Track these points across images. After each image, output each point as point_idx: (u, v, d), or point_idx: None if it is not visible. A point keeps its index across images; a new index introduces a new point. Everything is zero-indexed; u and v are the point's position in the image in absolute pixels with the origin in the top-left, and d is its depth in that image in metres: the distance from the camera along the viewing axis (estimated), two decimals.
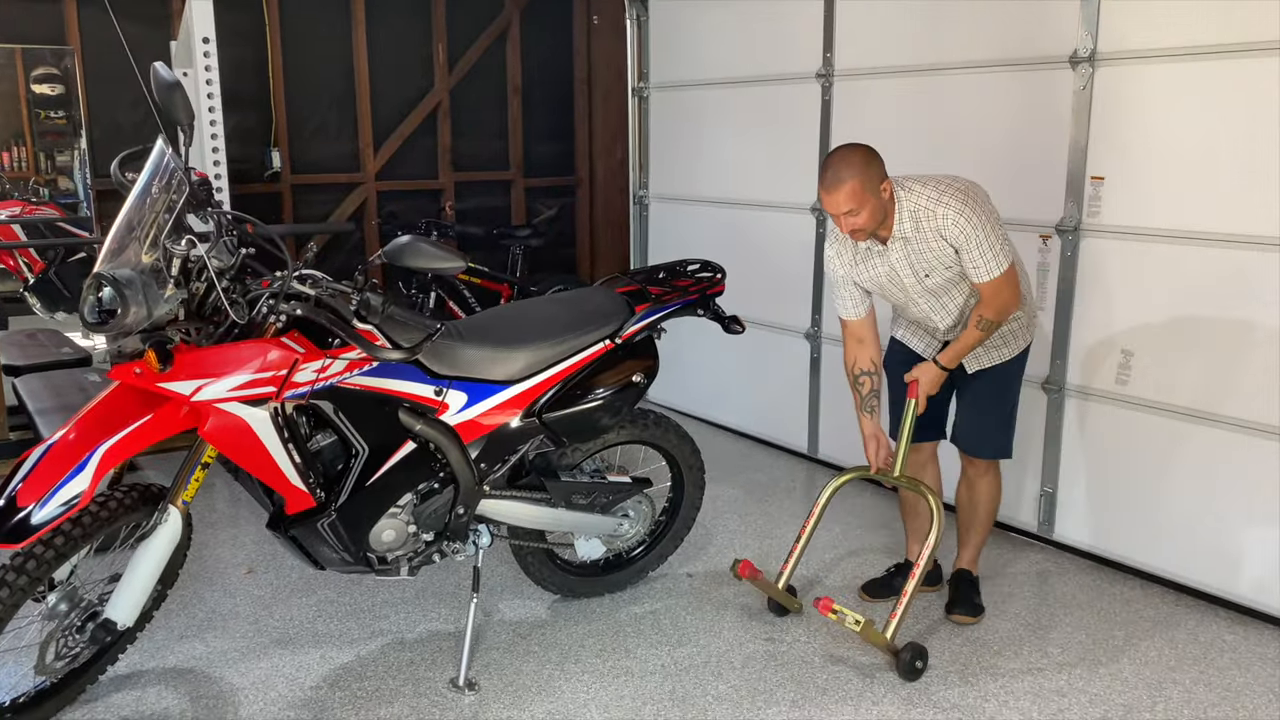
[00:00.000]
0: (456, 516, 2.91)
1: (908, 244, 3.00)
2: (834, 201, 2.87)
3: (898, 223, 2.98)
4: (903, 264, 3.03)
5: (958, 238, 2.93)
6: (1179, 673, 3.02)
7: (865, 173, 2.86)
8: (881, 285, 3.12)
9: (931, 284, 3.06)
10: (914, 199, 2.96)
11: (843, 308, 3.19)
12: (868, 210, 2.88)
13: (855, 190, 2.84)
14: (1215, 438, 3.37)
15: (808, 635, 3.24)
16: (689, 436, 3.41)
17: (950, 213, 2.91)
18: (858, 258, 3.10)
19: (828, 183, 2.87)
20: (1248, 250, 3.22)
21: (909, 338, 3.33)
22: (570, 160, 6.96)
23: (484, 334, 2.88)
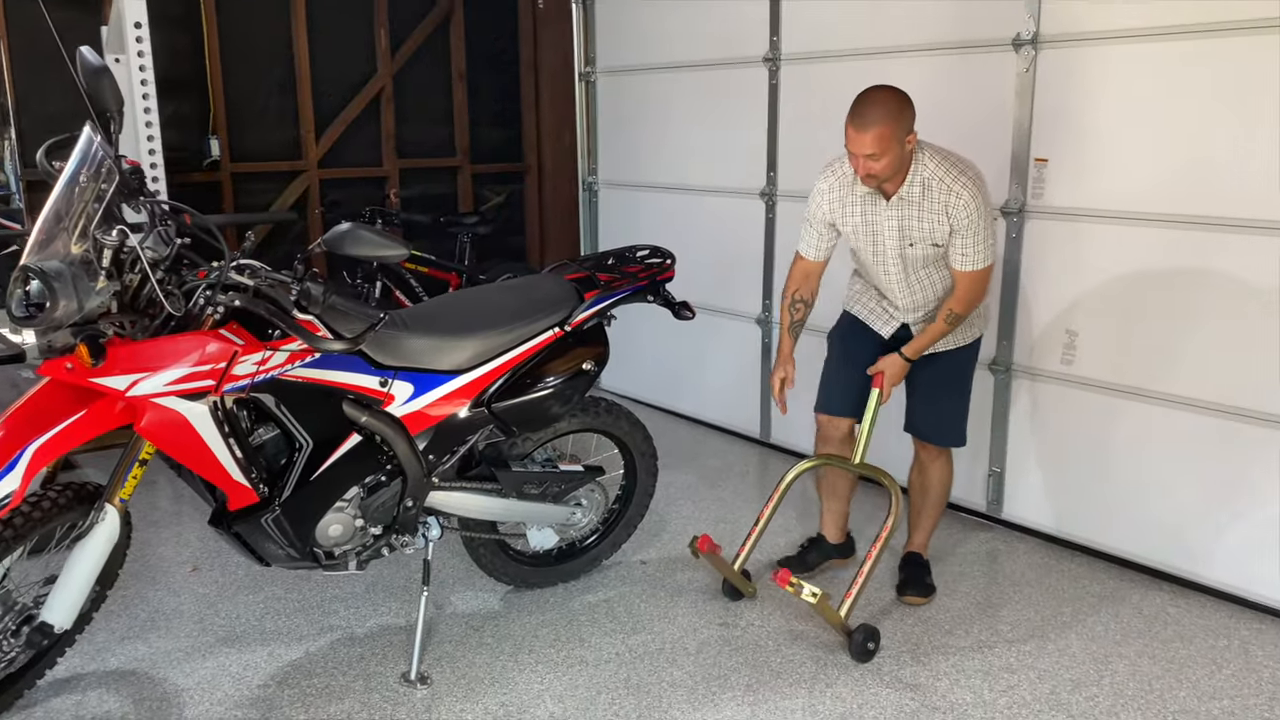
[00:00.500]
0: (405, 509, 2.87)
1: (908, 206, 2.98)
2: (860, 141, 2.82)
3: (908, 184, 2.96)
4: (893, 224, 3.02)
5: (962, 220, 2.93)
6: (1124, 646, 3.07)
7: (898, 120, 2.82)
8: (859, 235, 3.10)
9: (910, 253, 3.06)
10: (932, 166, 2.94)
11: (806, 245, 3.20)
12: (889, 158, 2.85)
13: (884, 135, 2.80)
14: (1157, 415, 3.43)
15: (761, 619, 3.25)
16: (641, 423, 3.39)
17: (966, 194, 2.91)
18: (848, 200, 3.08)
19: (858, 121, 2.82)
20: (1188, 230, 3.27)
21: (864, 313, 3.33)
22: (518, 146, 6.89)
23: (429, 323, 2.83)
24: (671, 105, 5.11)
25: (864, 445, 3.22)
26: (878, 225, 3.04)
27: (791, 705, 2.78)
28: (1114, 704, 2.77)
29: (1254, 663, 2.97)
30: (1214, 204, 3.20)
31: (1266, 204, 3.08)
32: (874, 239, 3.07)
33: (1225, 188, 3.17)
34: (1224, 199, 3.18)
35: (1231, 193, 3.16)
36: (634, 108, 5.36)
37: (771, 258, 4.69)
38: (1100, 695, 2.81)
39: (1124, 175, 3.41)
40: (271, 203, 5.97)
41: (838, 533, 3.55)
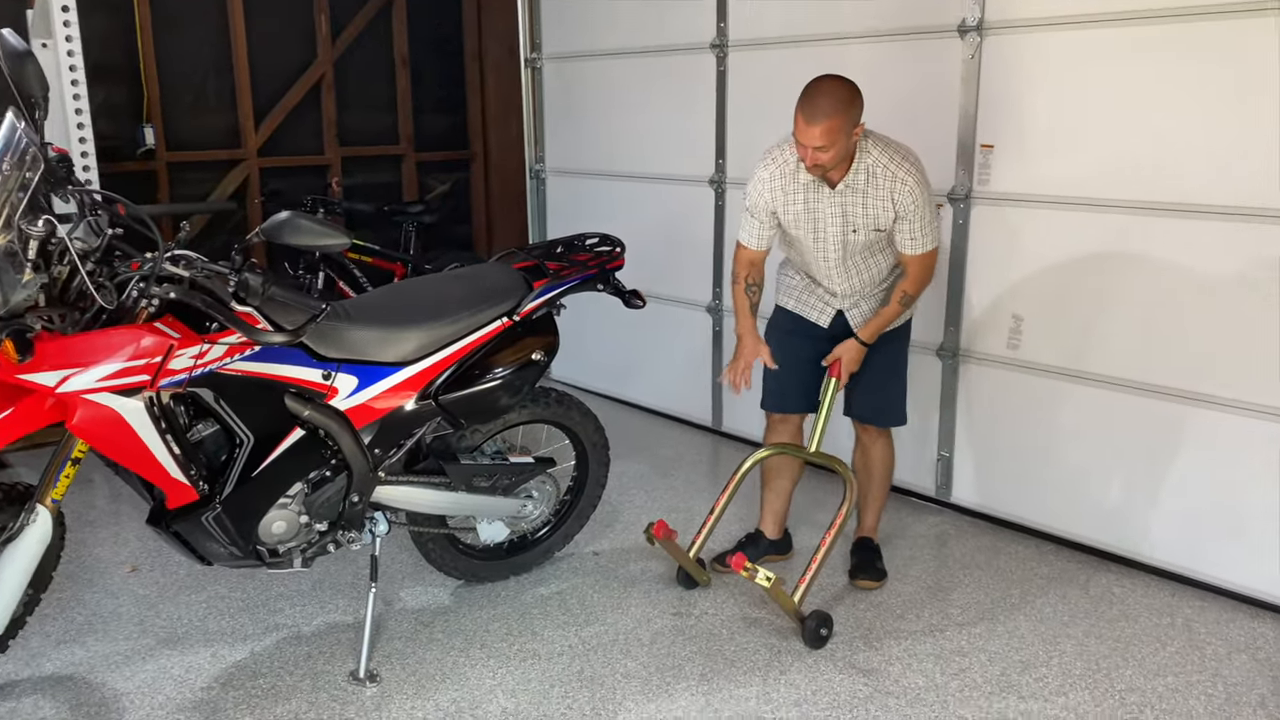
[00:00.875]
0: (351, 505, 2.81)
1: (853, 194, 2.98)
2: (809, 134, 2.81)
3: (853, 171, 2.96)
4: (837, 211, 3.02)
5: (908, 207, 2.94)
6: (1072, 627, 3.11)
7: (847, 112, 2.81)
8: (800, 224, 3.09)
9: (852, 240, 3.06)
10: (876, 153, 2.95)
11: (748, 234, 3.17)
12: (837, 149, 2.84)
13: (833, 128, 2.79)
14: (1099, 397, 3.47)
15: (715, 608, 3.24)
16: (592, 414, 3.36)
17: (911, 181, 2.93)
18: (791, 189, 3.06)
19: (808, 113, 2.80)
20: (1131, 215, 3.31)
21: (798, 305, 3.33)
22: (463, 134, 6.79)
23: (373, 314, 2.77)
24: (619, 92, 5.07)
25: (820, 434, 3.23)
26: (820, 213, 3.04)
27: (746, 693, 2.77)
28: (1062, 684, 2.80)
29: (1197, 639, 3.03)
30: (1155, 189, 3.24)
31: (1204, 189, 3.13)
32: (815, 227, 3.07)
33: (1165, 173, 3.21)
34: (1164, 184, 3.22)
35: (1171, 178, 3.20)
36: (581, 94, 5.30)
37: (721, 245, 4.68)
38: (1049, 675, 2.85)
39: (1068, 161, 3.44)
40: (210, 192, 5.82)
41: (776, 529, 3.55)
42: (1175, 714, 2.66)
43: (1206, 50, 3.07)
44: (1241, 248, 3.08)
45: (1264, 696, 2.74)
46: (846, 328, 3.25)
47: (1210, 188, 3.12)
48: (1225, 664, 2.90)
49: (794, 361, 3.33)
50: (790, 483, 3.50)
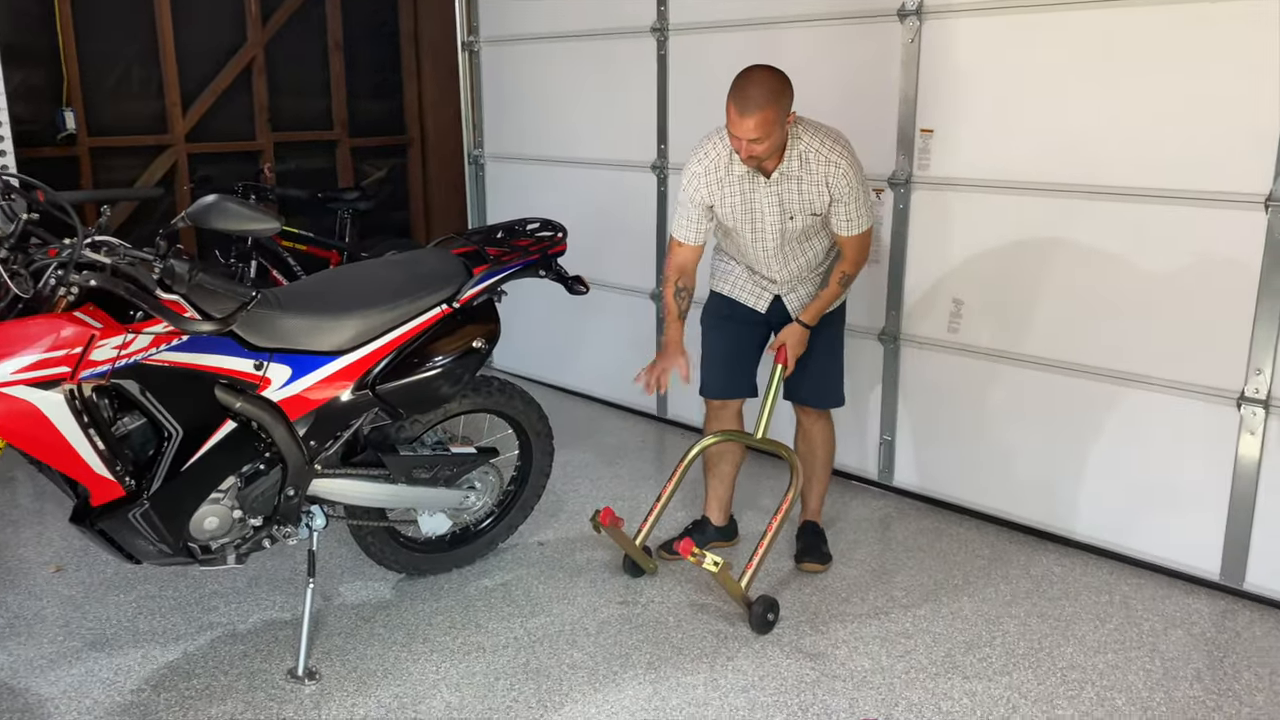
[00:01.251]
0: (286, 498, 2.72)
1: (788, 181, 2.97)
2: (743, 126, 2.78)
3: (786, 159, 2.94)
4: (773, 200, 3.01)
5: (842, 190, 2.94)
6: (1014, 607, 3.14)
7: (779, 103, 2.79)
8: (737, 215, 3.07)
9: (790, 226, 3.05)
10: (807, 139, 2.94)
11: (683, 229, 3.13)
12: (772, 140, 2.83)
13: (767, 119, 2.77)
14: (1037, 380, 3.51)
15: (662, 595, 3.21)
16: (535, 402, 3.30)
17: (844, 164, 2.93)
18: (726, 181, 3.04)
19: (740, 105, 2.78)
20: (1068, 199, 3.34)
21: (735, 291, 3.31)
22: (399, 119, 6.67)
23: (307, 302, 2.68)
24: (559, 76, 5.00)
25: (766, 420, 3.21)
26: (757, 203, 3.02)
27: (693, 680, 2.75)
28: (1006, 663, 2.83)
29: (1134, 616, 3.08)
30: (1090, 173, 3.28)
31: (1138, 173, 3.17)
32: (753, 217, 3.06)
33: (1100, 157, 3.25)
34: (1099, 168, 3.26)
35: (1106, 162, 3.24)
36: (520, 79, 5.22)
37: (664, 231, 4.64)
38: (993, 655, 2.87)
39: (1006, 145, 3.46)
40: (136, 179, 5.63)
41: (722, 515, 3.53)
42: (1115, 689, 2.70)
43: (1143, 36, 3.11)
44: (1175, 230, 3.13)
45: (1199, 670, 2.79)
46: (784, 312, 3.25)
47: (1145, 172, 3.16)
48: (1162, 639, 2.95)
49: (731, 347, 3.31)
50: (734, 468, 3.49)
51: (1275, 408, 3.01)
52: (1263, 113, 2.91)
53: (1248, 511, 3.11)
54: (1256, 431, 3.05)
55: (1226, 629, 3.01)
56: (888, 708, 2.63)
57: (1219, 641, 2.95)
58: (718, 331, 3.34)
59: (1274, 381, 3.01)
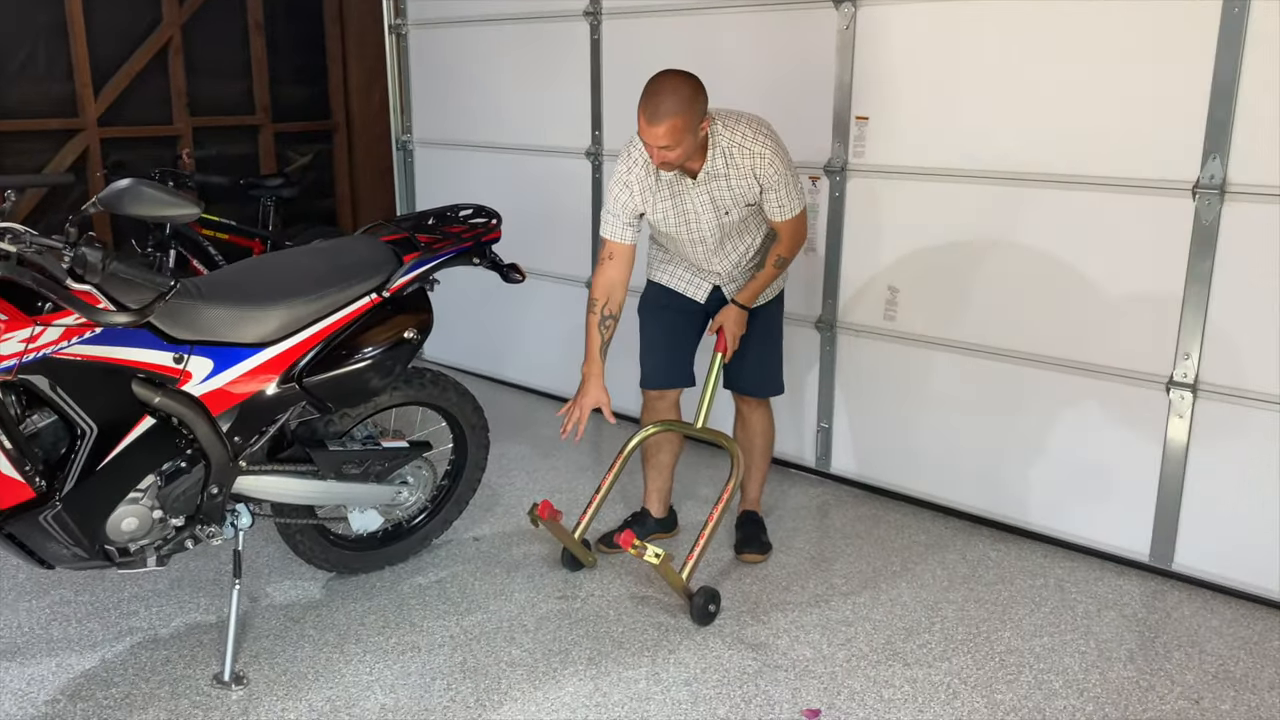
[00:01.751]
0: (209, 497, 2.61)
1: (716, 179, 2.93)
2: (652, 134, 2.73)
3: (710, 159, 2.90)
4: (705, 200, 2.97)
5: (771, 178, 2.90)
6: (952, 592, 3.16)
7: (690, 110, 2.73)
8: (670, 219, 3.03)
9: (727, 222, 3.02)
10: (730, 135, 2.89)
11: (613, 229, 3.05)
12: (683, 148, 2.78)
13: (676, 127, 2.71)
14: (971, 366, 3.54)
15: (602, 589, 3.16)
16: (470, 394, 3.22)
17: (768, 153, 2.88)
18: (653, 187, 2.99)
19: (649, 113, 2.72)
20: (1003, 186, 3.37)
21: (673, 281, 3.27)
22: (324, 103, 6.48)
23: (229, 291, 2.56)
24: (490, 60, 4.90)
25: (706, 409, 3.18)
26: (689, 205, 2.99)
27: (635, 675, 2.71)
28: (945, 649, 2.84)
29: (1069, 599, 3.12)
30: (1024, 161, 3.30)
31: (1072, 160, 3.20)
32: (687, 219, 3.02)
33: (1034, 144, 3.27)
34: (1033, 156, 3.28)
35: (1040, 149, 3.26)
36: (450, 63, 5.11)
37: (599, 218, 4.57)
38: (932, 641, 2.88)
39: (942, 133, 3.47)
40: (45, 165, 5.38)
41: (661, 507, 3.50)
42: (1052, 672, 2.73)
43: (1076, 25, 3.13)
44: (1106, 218, 3.17)
45: (1132, 651, 2.84)
46: (723, 301, 3.22)
47: (1077, 160, 3.20)
48: (1095, 621, 2.99)
49: (669, 337, 3.28)
50: (672, 458, 3.45)
51: (1203, 392, 3.07)
52: (1192, 101, 2.95)
53: (1176, 494, 3.17)
54: (1185, 415, 3.11)
55: (1157, 609, 3.07)
56: (830, 697, 2.62)
57: (1150, 622, 3.00)
58: (656, 321, 3.29)
59: (1201, 366, 3.07)
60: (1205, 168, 2.96)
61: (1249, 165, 2.90)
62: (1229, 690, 2.65)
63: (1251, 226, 2.92)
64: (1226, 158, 2.92)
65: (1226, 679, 2.70)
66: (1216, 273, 3.00)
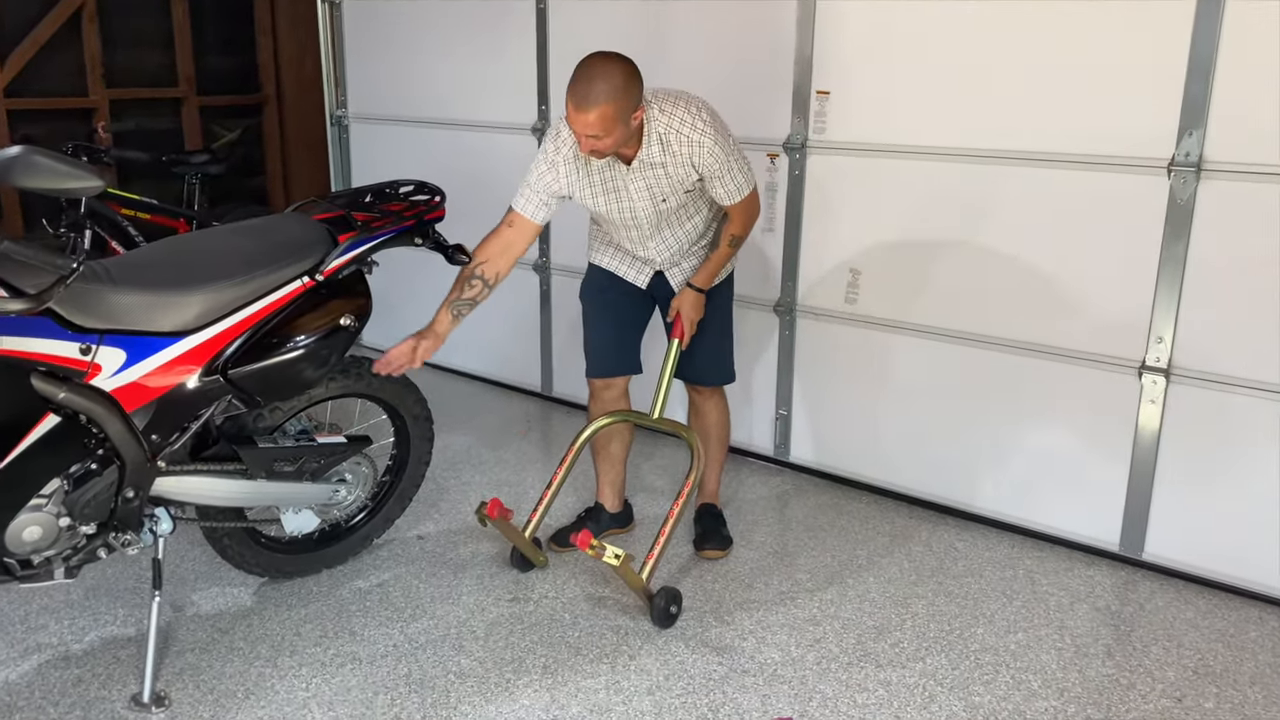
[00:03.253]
0: (124, 501, 2.37)
1: (652, 169, 2.74)
2: (581, 122, 2.53)
3: (645, 145, 2.70)
4: (641, 188, 2.78)
5: (711, 166, 2.72)
6: (920, 586, 3.04)
7: (623, 98, 2.53)
8: (600, 204, 2.84)
9: (666, 209, 2.85)
10: (664, 119, 2.69)
11: (525, 203, 2.83)
12: (614, 137, 2.58)
13: (607, 115, 2.51)
14: (934, 350, 3.41)
15: (555, 590, 2.98)
16: (413, 384, 3.01)
17: (707, 140, 2.69)
18: (581, 172, 2.80)
19: (579, 99, 2.51)
20: (969, 163, 3.24)
21: (614, 265, 3.09)
22: (253, 75, 6.14)
23: (144, 274, 2.32)
24: (431, 31, 4.65)
25: (663, 399, 3.00)
26: (622, 191, 2.80)
27: (593, 684, 2.54)
28: (918, 648, 2.71)
29: (1040, 592, 3.01)
30: (993, 138, 3.17)
31: (1040, 137, 3.08)
32: (620, 205, 2.83)
33: (1005, 121, 3.14)
34: (1003, 132, 3.15)
35: (1010, 126, 3.14)
36: (388, 33, 4.84)
37: None
38: (904, 640, 2.75)
39: (907, 108, 3.33)
40: None
41: (616, 500, 3.32)
42: (1029, 670, 2.62)
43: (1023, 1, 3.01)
44: (1078, 196, 3.06)
45: (1109, 646, 2.74)
46: (667, 287, 3.05)
47: (1048, 137, 3.07)
48: (1069, 615, 2.89)
49: (614, 321, 3.11)
50: (624, 449, 3.27)
51: (1176, 376, 2.98)
52: (1167, 74, 2.84)
53: (1147, 481, 3.08)
54: (1157, 400, 3.02)
55: (1130, 601, 2.97)
56: (801, 703, 2.48)
57: (1124, 615, 2.90)
58: (599, 307, 3.11)
59: (1175, 349, 2.97)
60: (1181, 144, 2.85)
61: (1228, 142, 2.79)
62: (1210, 686, 2.56)
63: (1229, 205, 2.82)
64: (1204, 134, 2.82)
65: (1207, 674, 2.61)
66: (1191, 253, 2.90)
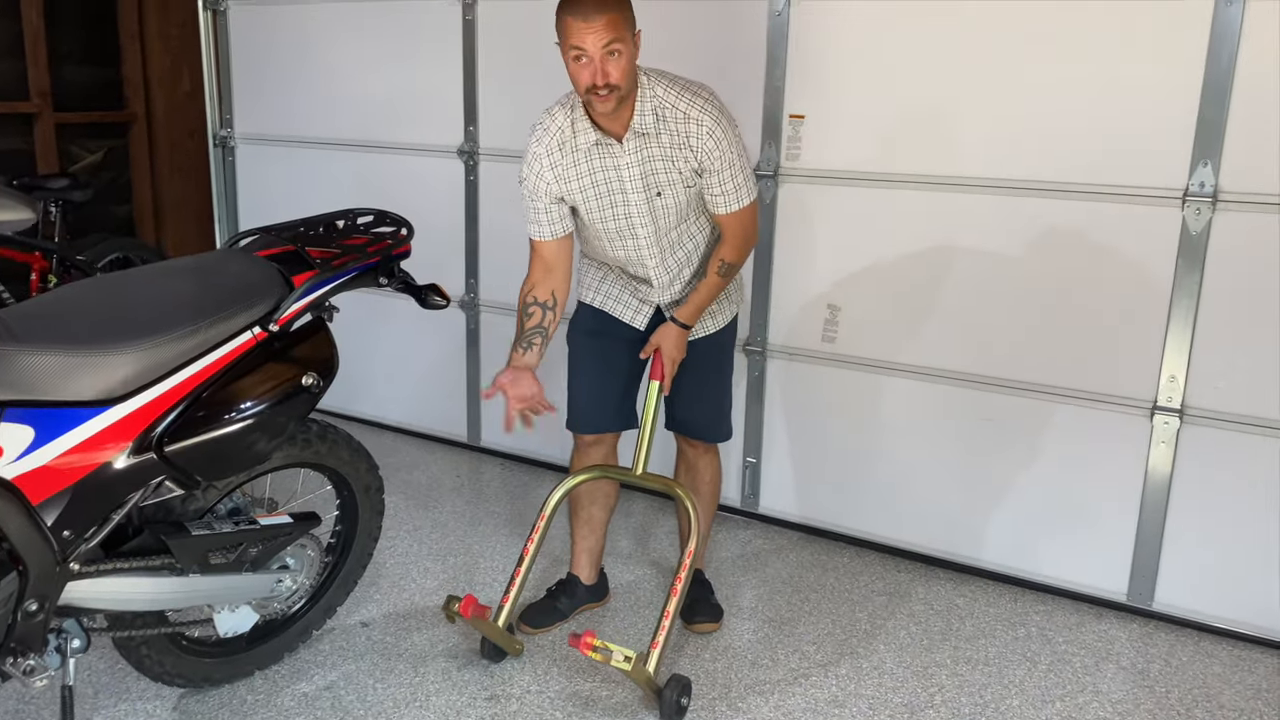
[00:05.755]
0: (25, 616, 1.85)
1: (645, 143, 2.42)
2: (592, 31, 2.22)
3: (638, 113, 2.38)
4: (634, 172, 2.45)
5: (711, 152, 2.40)
6: (936, 653, 2.78)
7: (625, 7, 2.29)
8: (594, 198, 2.50)
9: (660, 207, 2.50)
10: (661, 91, 2.39)
11: (536, 225, 2.53)
12: (628, 56, 2.28)
13: (617, 22, 2.24)
14: (926, 391, 3.20)
15: (538, 684, 2.57)
16: (363, 449, 2.55)
17: (707, 119, 2.38)
18: (575, 159, 2.46)
19: (586, 8, 2.21)
20: (959, 193, 3.04)
21: (608, 303, 2.74)
22: (118, 90, 5.47)
23: (55, 328, 1.82)
24: (336, 44, 4.18)
25: (646, 451, 2.65)
26: (616, 176, 2.46)
27: None
28: None
29: (1060, 652, 2.80)
30: (987, 165, 2.99)
31: (1039, 165, 2.91)
32: (613, 198, 2.49)
33: (1000, 148, 2.97)
34: (998, 160, 2.97)
35: (1005, 153, 2.96)
36: (284, 45, 4.34)
37: (475, 226, 3.97)
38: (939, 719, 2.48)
39: (890, 133, 3.11)
40: None
41: (592, 571, 2.94)
42: None
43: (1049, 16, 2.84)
44: (1082, 228, 2.89)
45: (1153, 713, 2.53)
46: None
47: (1048, 165, 2.91)
48: (1098, 677, 2.68)
49: (603, 370, 2.74)
50: (607, 513, 2.91)
51: (1189, 417, 2.84)
52: (1181, 102, 2.70)
53: (1158, 527, 2.92)
54: (1169, 442, 2.87)
55: (1154, 658, 2.79)
56: None
57: (1151, 673, 2.72)
58: (588, 352, 2.74)
59: (1188, 388, 2.83)
60: (1195, 174, 2.72)
61: (1243, 172, 2.68)
62: None
63: (1244, 237, 2.70)
64: (1219, 163, 2.69)
65: None
66: (1205, 287, 2.77)
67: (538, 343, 2.52)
